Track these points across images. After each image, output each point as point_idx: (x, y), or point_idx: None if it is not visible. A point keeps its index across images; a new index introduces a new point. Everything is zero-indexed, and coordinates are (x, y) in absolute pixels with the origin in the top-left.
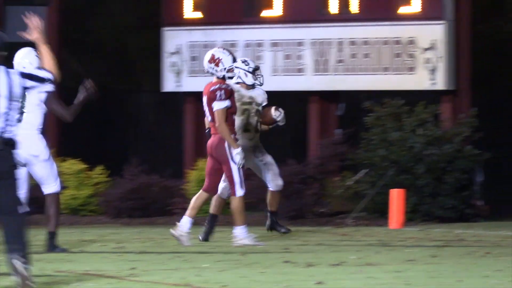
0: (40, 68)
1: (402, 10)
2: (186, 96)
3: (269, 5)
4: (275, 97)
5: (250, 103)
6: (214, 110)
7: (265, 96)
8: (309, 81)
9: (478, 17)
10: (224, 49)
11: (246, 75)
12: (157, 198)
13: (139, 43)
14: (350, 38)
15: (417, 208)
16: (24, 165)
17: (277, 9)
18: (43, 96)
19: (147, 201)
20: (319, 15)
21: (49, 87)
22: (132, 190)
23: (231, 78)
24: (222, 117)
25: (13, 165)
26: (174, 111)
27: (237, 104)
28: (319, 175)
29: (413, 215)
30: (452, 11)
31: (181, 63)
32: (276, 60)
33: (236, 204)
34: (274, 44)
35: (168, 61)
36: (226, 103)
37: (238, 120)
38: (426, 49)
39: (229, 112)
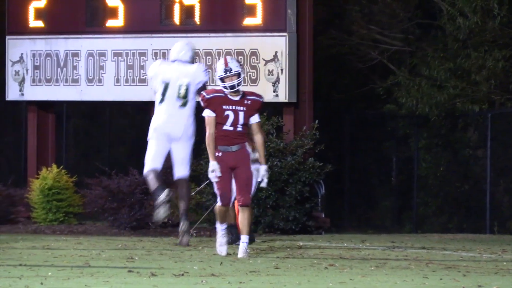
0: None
1: (245, 21)
2: (29, 104)
3: (112, 15)
4: (117, 107)
5: None
6: None
7: None
8: (152, 92)
9: (319, 29)
10: (228, 58)
11: None
12: None
13: None
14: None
15: (259, 219)
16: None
17: (120, 19)
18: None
19: None
20: (162, 26)
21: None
22: None
23: (225, 88)
24: (207, 126)
25: None
26: (16, 119)
27: None
28: None
29: (255, 227)
30: (294, 23)
31: (24, 71)
32: (119, 70)
33: (215, 212)
34: (117, 54)
35: (11, 70)
36: (207, 112)
37: None
38: (268, 61)
39: (217, 122)
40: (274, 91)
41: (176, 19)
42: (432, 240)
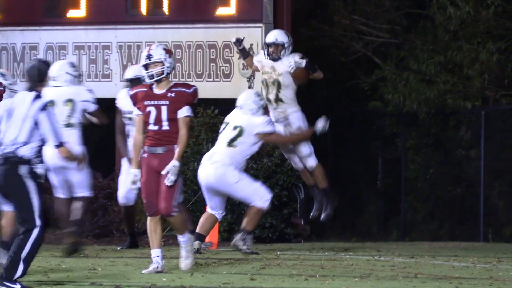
0: None
1: (218, 11)
2: None
3: (73, 5)
4: None
5: (268, 73)
6: None
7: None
8: (116, 88)
9: (299, 20)
10: (154, 45)
11: None
12: None
13: None
14: (161, 42)
15: (233, 226)
16: None
17: (81, 9)
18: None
19: None
20: (128, 17)
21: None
22: None
23: (147, 77)
24: (135, 126)
25: None
26: None
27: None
28: None
29: (229, 235)
30: (271, 13)
31: None
32: (81, 64)
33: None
34: (78, 47)
35: None
36: (135, 110)
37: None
38: None
39: (144, 121)
40: (249, 87)
41: (143, 9)
42: (421, 248)
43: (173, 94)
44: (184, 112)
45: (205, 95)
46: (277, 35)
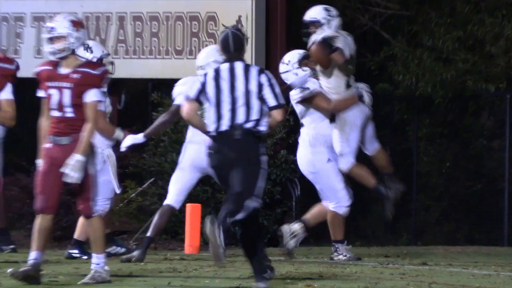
0: None
1: None
2: None
3: None
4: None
5: None
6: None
7: None
8: None
9: None
10: (62, 15)
11: None
12: None
13: None
14: (134, 12)
15: None
16: None
17: None
18: None
19: None
20: None
21: None
22: None
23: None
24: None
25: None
26: None
27: None
28: None
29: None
30: None
31: None
32: (41, 39)
33: None
34: (38, 19)
35: None
36: (39, 91)
37: None
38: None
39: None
40: None
41: None
42: (435, 254)
43: (78, 76)
44: (91, 96)
45: (184, 74)
46: (310, 12)
